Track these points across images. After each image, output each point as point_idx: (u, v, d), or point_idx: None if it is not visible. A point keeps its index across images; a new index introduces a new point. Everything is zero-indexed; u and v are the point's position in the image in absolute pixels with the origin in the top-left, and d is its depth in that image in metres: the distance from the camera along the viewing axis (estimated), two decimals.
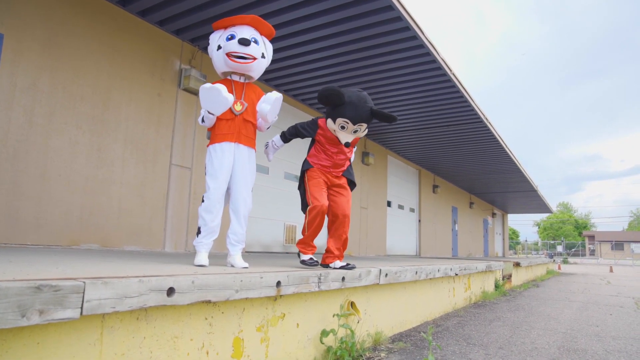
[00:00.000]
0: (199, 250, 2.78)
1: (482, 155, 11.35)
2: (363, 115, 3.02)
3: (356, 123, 3.03)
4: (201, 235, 2.81)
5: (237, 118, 2.84)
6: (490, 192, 18.69)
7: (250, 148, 2.92)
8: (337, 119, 3.04)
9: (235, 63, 2.82)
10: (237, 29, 2.86)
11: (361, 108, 3.00)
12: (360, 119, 3.02)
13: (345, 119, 3.01)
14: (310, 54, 5.99)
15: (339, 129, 3.09)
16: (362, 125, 3.08)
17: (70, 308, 1.40)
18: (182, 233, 5.50)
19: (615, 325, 4.87)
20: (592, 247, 61.84)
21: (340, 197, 3.27)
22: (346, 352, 2.76)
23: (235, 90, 2.89)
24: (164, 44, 5.46)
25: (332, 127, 3.13)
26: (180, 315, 1.93)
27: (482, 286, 7.16)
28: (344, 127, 3.06)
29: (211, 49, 2.94)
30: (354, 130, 3.10)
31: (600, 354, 3.43)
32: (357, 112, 2.99)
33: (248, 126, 2.90)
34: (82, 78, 4.56)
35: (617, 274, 18.30)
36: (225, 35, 2.86)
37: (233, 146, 2.82)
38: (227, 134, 2.82)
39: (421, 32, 5.34)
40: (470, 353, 3.32)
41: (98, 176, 4.64)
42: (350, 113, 2.99)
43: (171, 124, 5.47)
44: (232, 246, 2.89)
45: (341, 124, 3.05)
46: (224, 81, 2.93)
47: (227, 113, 2.82)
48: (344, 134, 3.11)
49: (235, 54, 2.80)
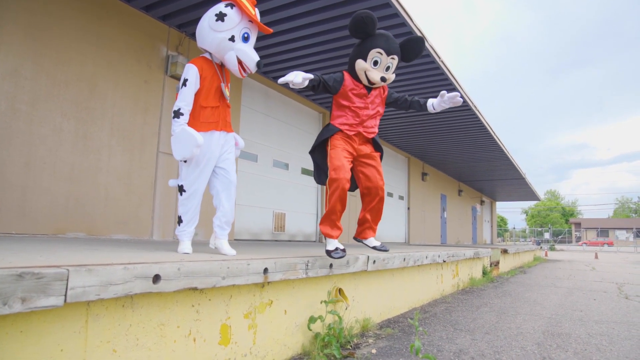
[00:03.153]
0: (182, 239, 2.73)
1: (471, 143, 11.40)
2: (395, 46, 2.89)
3: (390, 54, 2.86)
4: (183, 224, 2.73)
5: (222, 104, 2.75)
6: (479, 180, 18.83)
7: (232, 133, 2.88)
8: (371, 50, 2.84)
9: (237, 71, 2.73)
10: (252, 31, 2.73)
11: (391, 39, 2.88)
12: (394, 49, 2.87)
13: (379, 49, 2.83)
14: (298, 41, 5.94)
15: (371, 66, 2.87)
16: (394, 59, 2.91)
17: (54, 296, 1.39)
18: (169, 221, 5.47)
19: (598, 309, 4.96)
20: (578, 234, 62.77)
21: (369, 168, 3.05)
22: (334, 339, 2.78)
23: (220, 73, 2.77)
24: (150, 30, 5.38)
25: (362, 67, 2.89)
26: (167, 302, 1.93)
27: (470, 273, 7.25)
28: (378, 61, 2.86)
29: (220, 26, 2.62)
30: (387, 67, 2.90)
31: (583, 338, 3.50)
32: (390, 42, 2.86)
33: (229, 111, 2.86)
34: (67, 64, 4.49)
35: (601, 260, 18.62)
36: (243, 31, 2.67)
37: (219, 135, 2.73)
38: (212, 122, 2.71)
39: (410, 19, 5.32)
40: (457, 338, 3.37)
41: (84, 164, 4.59)
42: (384, 43, 2.83)
43: (158, 111, 5.42)
44: (222, 229, 2.81)
45: (374, 56, 2.85)
46: (204, 60, 2.73)
47: (216, 100, 2.72)
48: (377, 71, 2.89)
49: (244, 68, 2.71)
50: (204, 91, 2.68)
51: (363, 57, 2.86)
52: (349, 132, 2.99)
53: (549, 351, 3.05)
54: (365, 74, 2.90)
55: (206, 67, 2.71)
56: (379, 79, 2.87)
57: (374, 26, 2.81)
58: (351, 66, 2.97)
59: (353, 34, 2.90)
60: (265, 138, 7.44)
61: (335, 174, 2.82)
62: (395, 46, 2.88)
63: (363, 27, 2.82)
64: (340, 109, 3.04)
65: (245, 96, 6.92)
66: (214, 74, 2.73)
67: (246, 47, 2.66)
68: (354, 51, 2.95)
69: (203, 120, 2.69)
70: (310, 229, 8.83)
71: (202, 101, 2.68)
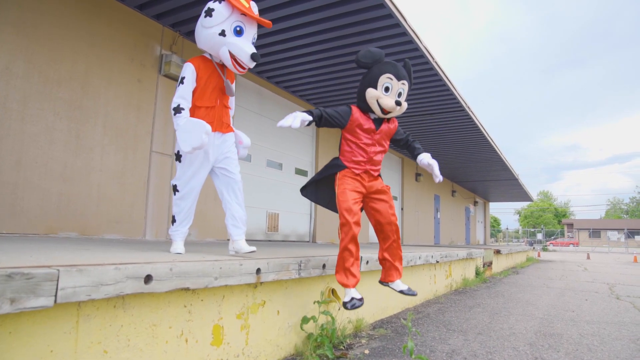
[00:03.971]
0: (175, 239, 2.70)
1: (465, 143, 11.44)
2: (403, 71, 2.82)
3: (400, 79, 2.77)
4: (176, 223, 2.70)
5: (218, 105, 2.70)
6: (472, 181, 18.90)
7: (231, 133, 2.83)
8: (380, 77, 2.74)
9: (234, 69, 2.65)
10: (247, 24, 2.62)
11: (399, 66, 2.82)
12: (403, 74, 2.80)
13: (389, 75, 2.73)
14: (292, 41, 5.93)
15: (382, 93, 2.74)
16: (404, 85, 2.82)
17: (44, 296, 1.38)
18: (163, 221, 5.45)
19: (590, 310, 4.99)
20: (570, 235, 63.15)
21: (381, 203, 2.89)
22: (327, 339, 2.78)
23: (222, 72, 2.73)
24: (144, 29, 5.35)
25: (374, 96, 2.75)
26: (159, 302, 1.92)
27: (463, 273, 7.27)
28: (389, 87, 2.74)
29: (209, 22, 2.59)
30: (399, 92, 2.79)
31: (574, 338, 3.51)
32: (397, 67, 2.79)
33: (226, 112, 2.80)
34: (59, 62, 4.45)
35: (593, 261, 18.74)
36: (234, 25, 2.58)
37: (213, 136, 2.67)
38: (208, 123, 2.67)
39: (404, 20, 5.33)
40: (449, 339, 3.38)
41: (76, 163, 4.55)
42: (393, 69, 2.76)
43: (151, 111, 5.39)
44: (236, 229, 2.73)
45: (385, 82, 2.74)
46: (204, 59, 2.70)
47: (212, 100, 2.67)
48: (389, 98, 2.76)
49: (239, 63, 2.61)
50: (199, 90, 2.65)
51: (373, 85, 2.75)
52: (357, 171, 2.86)
53: (540, 351, 3.06)
54: (377, 103, 2.76)
55: (204, 66, 2.67)
56: (393, 104, 2.74)
57: (381, 55, 2.79)
58: (361, 98, 2.84)
59: (361, 63, 2.81)
60: (259, 138, 7.42)
61: (344, 217, 2.65)
62: (403, 72, 2.81)
63: (370, 55, 2.78)
64: (348, 144, 2.91)
65: (239, 95, 6.90)
66: (211, 73, 2.68)
67: (239, 40, 2.58)
68: (363, 82, 2.84)
69: None
70: (303, 230, 8.83)
71: (196, 101, 2.64)
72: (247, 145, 2.96)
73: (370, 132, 2.85)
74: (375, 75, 2.75)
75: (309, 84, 7.58)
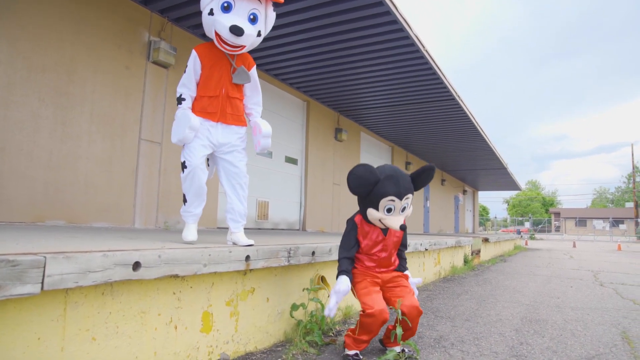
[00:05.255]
0: (187, 222, 2.62)
1: (455, 132, 11.49)
2: (406, 184, 2.52)
3: (402, 197, 2.49)
4: (188, 203, 2.63)
5: (222, 95, 2.58)
6: (462, 170, 19.02)
7: (240, 126, 2.70)
8: (381, 200, 2.47)
9: (222, 48, 2.51)
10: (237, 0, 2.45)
11: (401, 177, 2.52)
12: (406, 190, 2.50)
13: (391, 197, 2.46)
14: (281, 28, 5.88)
15: (384, 215, 2.50)
16: (408, 198, 2.54)
17: (30, 283, 1.37)
18: (152, 209, 5.42)
19: (574, 296, 5.08)
20: (557, 224, 63.98)
21: (399, 288, 2.65)
22: (316, 326, 2.80)
23: (230, 56, 2.61)
24: (131, 15, 5.27)
25: (376, 217, 2.53)
26: (148, 290, 1.91)
27: (452, 261, 7.34)
28: (391, 208, 2.49)
29: (202, 4, 2.52)
30: (402, 208, 2.53)
31: (559, 324, 3.58)
32: (400, 183, 2.49)
33: (234, 103, 2.64)
34: (44, 48, 4.37)
35: (579, 249, 19.04)
36: (221, 2, 2.43)
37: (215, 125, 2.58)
38: (209, 113, 2.58)
39: (394, 8, 5.30)
40: (437, 325, 3.42)
41: (63, 150, 4.50)
42: (393, 188, 2.46)
43: (140, 98, 5.33)
44: (234, 222, 2.69)
45: (387, 205, 2.48)
46: (209, 46, 2.60)
47: (217, 89, 2.57)
48: (393, 217, 2.51)
49: (225, 40, 2.45)
50: (203, 79, 2.58)
51: (374, 206, 2.52)
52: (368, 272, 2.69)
53: (526, 337, 3.12)
54: (380, 222, 2.56)
55: (208, 53, 2.58)
56: (397, 227, 2.52)
57: (374, 176, 2.48)
58: (362, 212, 2.64)
59: (356, 192, 2.56)
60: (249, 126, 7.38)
61: (369, 308, 2.41)
62: (406, 184, 2.53)
63: (364, 183, 2.49)
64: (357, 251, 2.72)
65: None
66: (218, 61, 2.58)
67: (223, 16, 2.42)
68: (363, 200, 2.60)
69: (199, 110, 2.57)
70: (293, 218, 8.84)
71: (200, 90, 2.59)
72: (266, 134, 2.77)
73: (379, 242, 2.65)
74: (376, 197, 2.49)
75: (299, 72, 7.54)
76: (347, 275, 2.52)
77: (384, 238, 2.65)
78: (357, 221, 2.66)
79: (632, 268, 9.57)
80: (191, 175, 2.57)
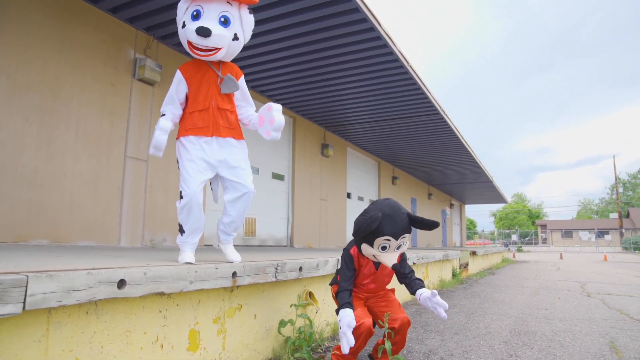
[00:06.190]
0: (184, 250, 2.49)
1: (440, 147, 11.61)
2: (404, 225, 2.44)
3: (399, 237, 2.43)
4: (185, 234, 2.51)
5: (212, 107, 2.51)
6: (448, 184, 19.17)
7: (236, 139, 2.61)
8: (376, 239, 2.41)
9: (196, 55, 2.46)
10: (205, 5, 2.41)
11: (398, 217, 2.43)
12: (402, 230, 2.43)
13: (387, 237, 2.39)
14: (266, 45, 5.93)
15: (379, 252, 2.46)
16: (405, 238, 2.48)
17: (12, 303, 1.35)
18: (138, 227, 5.36)
19: (562, 308, 5.11)
20: (544, 236, 64.55)
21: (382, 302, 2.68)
22: (304, 342, 2.77)
23: (216, 67, 2.56)
24: (117, 32, 5.27)
25: (370, 253, 2.49)
26: (133, 308, 1.89)
27: (440, 275, 7.35)
28: (386, 247, 2.44)
29: (178, 21, 2.51)
30: (398, 246, 2.47)
31: (547, 335, 3.59)
32: (397, 223, 2.40)
33: (226, 115, 2.57)
34: (28, 66, 4.35)
35: (566, 261, 19.20)
36: (191, 10, 2.42)
37: (209, 141, 2.51)
38: (200, 128, 2.50)
39: (378, 24, 5.39)
40: (427, 339, 3.41)
41: (48, 169, 4.45)
42: (390, 228, 2.39)
43: (125, 115, 5.31)
44: (224, 234, 2.64)
45: (382, 244, 2.42)
46: (194, 62, 2.57)
47: (206, 102, 2.51)
48: (387, 254, 2.46)
49: (196, 45, 2.41)
50: (192, 95, 2.54)
51: (369, 243, 2.46)
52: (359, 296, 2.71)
53: (515, 349, 3.12)
54: (374, 257, 2.53)
55: (193, 68, 2.55)
56: (390, 265, 2.48)
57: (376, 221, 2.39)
58: (357, 245, 2.60)
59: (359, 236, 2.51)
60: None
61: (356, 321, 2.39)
62: (402, 224, 2.45)
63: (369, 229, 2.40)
64: None
65: None
66: (204, 74, 2.54)
67: (193, 23, 2.39)
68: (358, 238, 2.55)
69: (190, 127, 2.51)
70: (281, 234, 8.80)
71: (189, 106, 2.54)
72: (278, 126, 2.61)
73: (371, 275, 2.65)
74: (371, 236, 2.43)
75: (284, 88, 7.59)
76: (349, 307, 2.43)
77: (375, 272, 2.64)
78: (352, 253, 2.62)
79: (618, 278, 9.68)
80: (188, 207, 2.46)
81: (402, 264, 2.70)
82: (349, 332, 2.29)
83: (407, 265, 2.76)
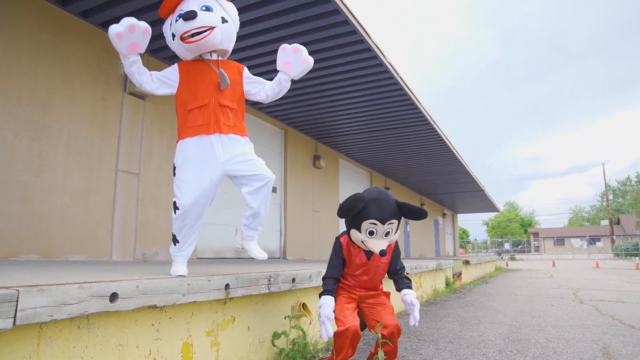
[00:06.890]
0: (176, 261, 2.47)
1: (431, 157, 11.68)
2: (391, 210, 2.46)
3: (385, 222, 2.45)
4: (178, 245, 2.49)
5: (212, 103, 2.44)
6: (440, 193, 19.25)
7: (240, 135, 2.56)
8: (363, 222, 2.45)
9: (191, 44, 2.39)
10: (185, 4, 2.41)
11: (386, 202, 2.47)
12: (390, 215, 2.46)
13: (373, 220, 2.43)
14: (258, 58, 5.97)
15: (367, 237, 2.48)
16: (392, 224, 2.49)
17: (2, 318, 1.33)
18: (129, 241, 5.33)
19: (555, 315, 5.13)
20: (536, 244, 64.83)
21: (377, 307, 2.64)
22: (298, 354, 2.76)
23: (214, 65, 2.53)
24: (107, 46, 5.27)
25: (358, 239, 2.51)
26: (125, 321, 1.87)
27: (433, 284, 7.35)
28: (373, 231, 2.46)
29: (168, 41, 2.55)
30: (386, 233, 2.48)
31: (541, 342, 3.60)
32: (384, 207, 2.44)
33: (227, 112, 2.50)
34: (18, 80, 4.35)
35: (558, 268, 19.29)
36: (174, 18, 2.44)
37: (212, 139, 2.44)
38: (201, 125, 2.43)
39: (368, 36, 5.45)
40: (421, 349, 3.41)
41: (38, 183, 4.42)
42: (376, 212, 2.43)
43: (117, 129, 5.30)
44: (248, 229, 2.61)
45: (369, 228, 2.45)
46: (196, 62, 2.54)
47: (205, 97, 2.45)
48: (375, 240, 2.48)
49: (187, 34, 2.37)
50: (189, 92, 2.49)
51: (356, 228, 2.50)
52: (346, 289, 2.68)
53: (509, 357, 3.13)
54: (363, 244, 2.55)
55: (191, 64, 2.53)
56: (378, 251, 2.46)
57: (362, 202, 2.45)
58: (348, 233, 2.63)
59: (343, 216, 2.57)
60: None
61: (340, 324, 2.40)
62: (389, 209, 2.47)
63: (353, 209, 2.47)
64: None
65: None
66: (202, 72, 2.51)
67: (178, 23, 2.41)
68: (347, 221, 2.60)
69: (190, 125, 2.45)
70: (274, 246, 8.78)
71: (187, 103, 2.47)
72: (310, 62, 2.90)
73: (362, 265, 2.63)
74: (358, 219, 2.48)
75: (276, 100, 7.60)
76: (331, 294, 2.49)
77: (366, 262, 2.62)
78: (342, 241, 2.65)
79: (610, 285, 9.74)
80: (183, 217, 2.43)
81: (394, 258, 2.72)
82: (327, 322, 2.35)
83: (400, 261, 2.78)
